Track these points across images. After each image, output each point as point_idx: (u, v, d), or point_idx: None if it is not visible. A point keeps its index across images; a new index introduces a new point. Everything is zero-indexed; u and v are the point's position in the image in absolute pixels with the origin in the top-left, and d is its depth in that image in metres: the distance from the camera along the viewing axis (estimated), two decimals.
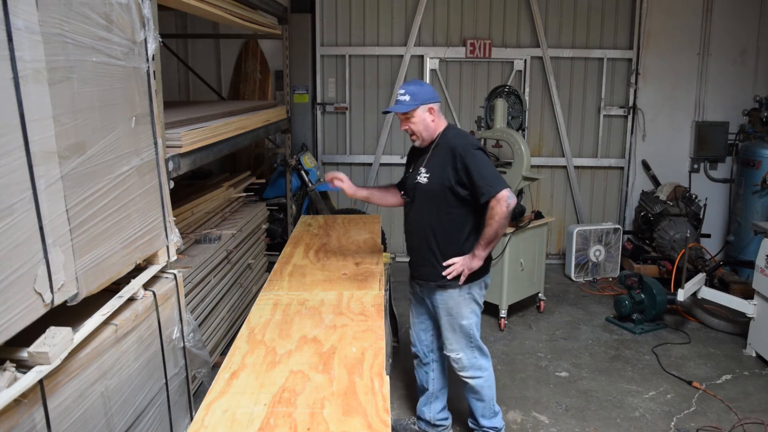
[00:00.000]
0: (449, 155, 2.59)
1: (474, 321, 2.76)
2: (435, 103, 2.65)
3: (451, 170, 2.57)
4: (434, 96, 2.66)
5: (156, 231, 2.17)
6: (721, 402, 3.43)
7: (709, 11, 5.69)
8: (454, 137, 2.66)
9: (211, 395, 1.79)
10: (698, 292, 4.30)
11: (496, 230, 2.55)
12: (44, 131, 1.48)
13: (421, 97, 2.60)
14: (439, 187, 2.61)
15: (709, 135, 5.84)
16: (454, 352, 2.78)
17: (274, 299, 2.55)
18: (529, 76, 5.80)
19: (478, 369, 2.80)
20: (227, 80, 6.07)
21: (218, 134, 3.17)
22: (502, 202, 2.49)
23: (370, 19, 5.82)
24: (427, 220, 2.69)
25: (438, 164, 2.63)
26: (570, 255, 5.49)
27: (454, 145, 2.60)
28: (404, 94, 2.60)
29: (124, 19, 1.90)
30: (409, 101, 2.59)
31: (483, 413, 2.88)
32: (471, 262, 2.63)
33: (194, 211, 3.57)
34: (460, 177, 2.56)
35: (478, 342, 2.79)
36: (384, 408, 1.73)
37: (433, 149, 2.68)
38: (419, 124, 2.63)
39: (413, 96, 2.59)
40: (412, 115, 2.62)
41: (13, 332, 1.37)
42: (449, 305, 2.73)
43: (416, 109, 2.60)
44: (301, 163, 5.18)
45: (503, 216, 2.51)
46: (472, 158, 2.54)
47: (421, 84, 2.70)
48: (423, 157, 2.72)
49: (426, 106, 2.61)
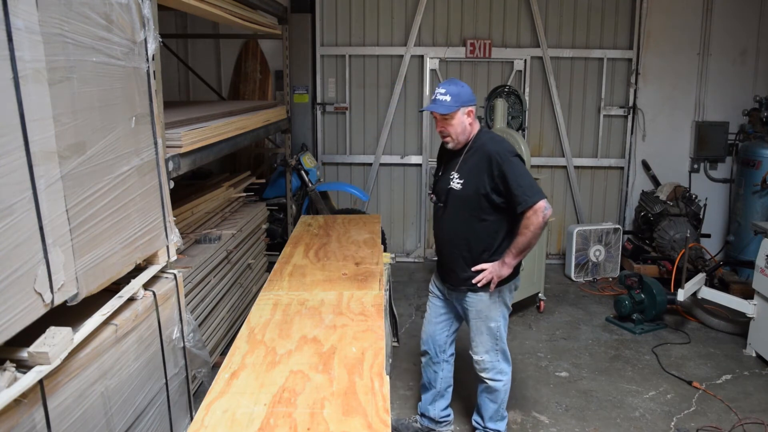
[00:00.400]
0: (485, 161, 2.52)
1: (502, 324, 2.75)
2: (473, 105, 2.57)
3: (487, 177, 2.51)
4: (473, 97, 2.58)
5: (156, 231, 2.17)
6: (721, 402, 3.43)
7: (709, 11, 5.69)
8: (489, 142, 2.58)
9: (211, 395, 1.79)
10: (698, 292, 4.30)
11: (530, 240, 2.49)
12: (44, 131, 1.48)
13: (462, 99, 2.51)
14: (473, 193, 2.55)
15: (709, 135, 5.84)
16: (479, 354, 2.77)
17: (274, 299, 2.55)
18: (529, 76, 5.80)
19: (499, 372, 2.79)
20: (227, 80, 6.07)
21: (218, 134, 3.17)
22: (539, 213, 2.44)
23: (370, 19, 5.82)
24: (459, 226, 2.64)
25: (472, 170, 2.56)
26: (570, 255, 5.50)
27: (490, 150, 2.52)
28: (445, 94, 2.49)
29: (124, 19, 1.90)
30: (450, 102, 2.49)
31: (492, 415, 2.88)
32: (500, 269, 2.60)
33: (194, 211, 3.57)
34: (496, 184, 2.50)
35: (503, 345, 2.78)
36: (384, 408, 1.73)
37: (466, 153, 2.60)
38: (458, 127, 2.54)
39: (454, 97, 2.49)
40: (451, 117, 2.52)
41: (13, 332, 1.37)
42: (479, 308, 2.71)
43: (456, 112, 2.51)
44: (301, 163, 5.18)
45: (539, 226, 2.46)
46: (510, 166, 2.48)
47: (461, 84, 2.57)
48: (455, 160, 2.64)
49: (466, 109, 2.54)
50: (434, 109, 2.51)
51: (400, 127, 5.96)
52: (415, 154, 6.00)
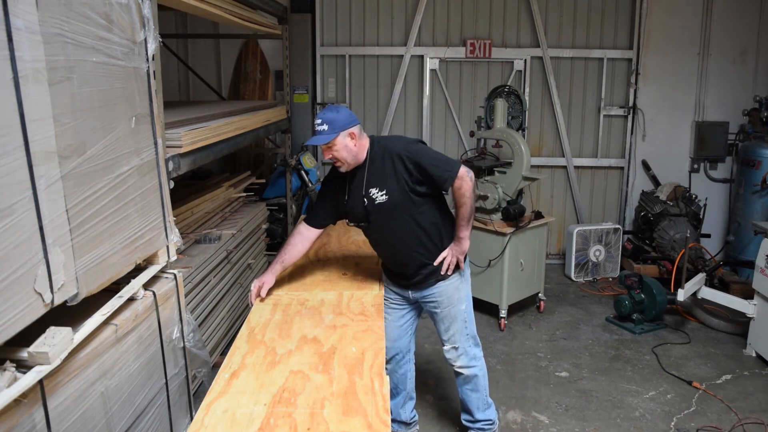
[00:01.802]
0: (397, 162, 2.53)
1: (470, 302, 2.81)
2: (354, 126, 2.53)
3: (406, 174, 2.52)
4: (352, 120, 2.54)
5: (156, 231, 2.17)
6: (721, 402, 3.43)
7: (709, 11, 5.69)
8: (388, 145, 2.59)
9: (211, 395, 1.79)
10: (698, 292, 4.30)
11: (470, 206, 2.58)
12: (44, 131, 1.48)
13: (339, 124, 2.49)
14: (400, 196, 2.55)
15: (709, 135, 5.84)
16: (455, 342, 2.80)
17: (274, 299, 2.55)
18: (529, 76, 5.80)
19: (472, 358, 2.83)
20: (227, 80, 6.07)
21: (218, 134, 3.17)
22: (465, 178, 2.52)
23: (370, 19, 5.82)
24: (402, 231, 2.62)
25: (388, 176, 2.55)
26: (570, 255, 5.49)
27: (393, 150, 2.55)
28: (321, 124, 2.48)
29: (124, 19, 1.90)
30: (328, 130, 2.47)
31: (478, 405, 2.90)
32: (461, 246, 2.64)
33: (194, 211, 3.57)
34: (416, 176, 2.53)
35: (473, 329, 2.82)
36: (384, 408, 1.73)
37: (370, 167, 2.58)
38: (342, 151, 2.51)
39: (331, 124, 2.47)
40: (333, 144, 2.50)
41: (13, 332, 1.37)
42: (449, 293, 2.73)
43: (336, 137, 2.48)
44: (301, 163, 5.18)
45: (471, 190, 2.55)
46: (419, 153, 2.53)
47: (337, 109, 2.55)
48: (358, 180, 2.61)
49: (345, 132, 2.50)
50: (315, 141, 2.51)
51: (400, 127, 5.96)
52: None
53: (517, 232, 4.26)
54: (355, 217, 2.67)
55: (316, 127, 2.50)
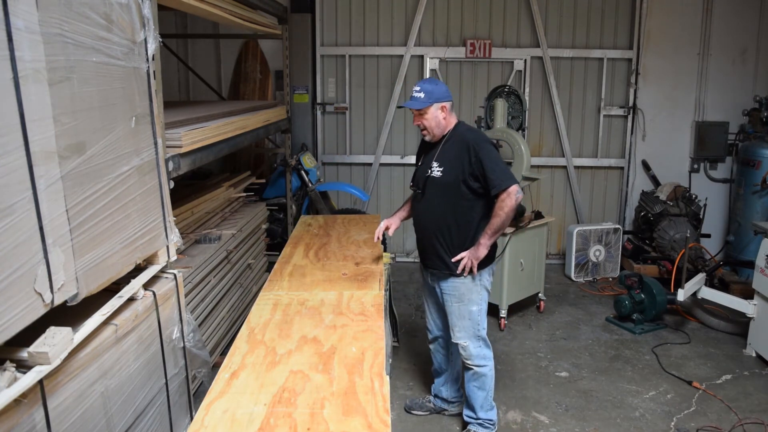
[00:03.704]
0: (463, 149, 2.71)
1: (483, 308, 2.88)
2: (447, 101, 2.77)
3: (466, 163, 2.70)
4: (447, 95, 2.78)
5: (156, 231, 2.17)
6: (721, 402, 3.43)
7: (709, 11, 5.69)
8: (466, 132, 2.80)
9: (211, 395, 1.79)
10: (698, 292, 4.30)
11: (503, 221, 2.69)
12: (44, 131, 1.48)
13: (435, 96, 2.72)
14: (452, 179, 2.74)
15: (709, 135, 5.84)
16: (461, 339, 2.88)
17: (274, 299, 2.55)
18: (529, 76, 5.80)
19: (482, 358, 2.92)
20: (227, 80, 6.07)
21: (218, 134, 3.17)
22: (512, 196, 2.65)
23: (370, 19, 5.82)
24: (439, 212, 2.80)
25: (451, 158, 2.75)
26: (570, 255, 5.49)
27: (467, 139, 2.74)
28: (419, 92, 2.72)
29: (124, 19, 1.90)
30: (424, 98, 2.71)
31: (482, 404, 2.97)
32: (477, 251, 2.74)
33: (194, 211, 3.57)
34: (473, 169, 2.69)
35: (483, 331, 2.90)
36: (384, 408, 1.73)
37: (444, 144, 2.81)
38: (431, 121, 2.75)
39: (428, 94, 2.71)
40: (425, 112, 2.74)
41: (13, 332, 1.37)
42: (461, 291, 2.83)
43: (429, 107, 2.72)
44: (301, 163, 5.19)
45: (511, 209, 2.66)
46: (486, 152, 2.69)
47: (436, 82, 2.81)
48: (433, 151, 2.84)
49: (439, 104, 2.74)
50: (409, 105, 2.75)
51: (400, 127, 5.96)
52: (415, 154, 5.98)
53: (517, 232, 4.26)
54: (416, 183, 2.92)
55: (414, 93, 2.74)
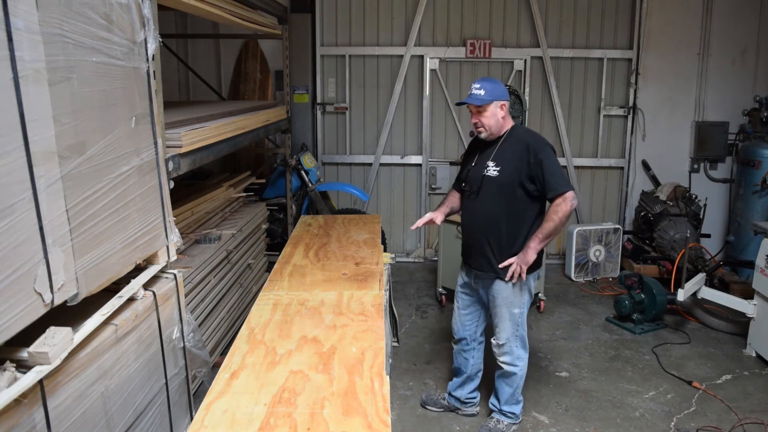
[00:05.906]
0: (523, 150, 2.72)
1: (525, 310, 2.91)
2: (507, 100, 2.80)
3: (524, 164, 2.71)
4: (506, 94, 2.81)
5: (156, 231, 2.17)
6: (721, 402, 3.43)
7: (709, 11, 5.69)
8: (525, 133, 2.83)
9: (211, 395, 1.79)
10: (698, 292, 4.30)
11: (556, 226, 2.68)
12: (44, 131, 1.48)
13: (496, 94, 2.74)
14: (509, 179, 2.74)
15: (709, 135, 5.84)
16: (500, 339, 2.91)
17: (274, 299, 2.55)
18: (529, 76, 5.80)
19: (517, 358, 2.94)
20: (227, 80, 6.07)
21: (218, 134, 3.17)
22: (568, 201, 2.65)
23: (370, 19, 5.82)
24: (492, 212, 2.80)
25: (509, 158, 2.76)
26: (570, 255, 5.49)
27: (527, 140, 2.75)
28: (479, 89, 2.74)
29: (124, 19, 1.90)
30: (484, 95, 2.73)
31: (507, 399, 3.03)
32: (526, 256, 2.75)
33: (194, 211, 3.57)
34: (531, 171, 2.70)
35: (523, 332, 2.93)
36: (384, 408, 1.73)
37: (502, 143, 2.81)
38: (491, 119, 2.76)
39: (488, 91, 2.73)
40: (485, 109, 2.75)
41: (13, 332, 1.37)
42: (506, 294, 2.85)
43: (490, 104, 2.74)
44: (301, 163, 5.19)
45: (565, 214, 2.66)
46: (546, 154, 2.70)
47: (495, 81, 2.81)
48: (489, 151, 2.83)
49: (499, 102, 2.76)
50: (470, 100, 2.75)
51: (400, 127, 5.96)
52: (415, 154, 5.99)
53: None
54: (470, 182, 2.90)
55: (473, 90, 2.76)
